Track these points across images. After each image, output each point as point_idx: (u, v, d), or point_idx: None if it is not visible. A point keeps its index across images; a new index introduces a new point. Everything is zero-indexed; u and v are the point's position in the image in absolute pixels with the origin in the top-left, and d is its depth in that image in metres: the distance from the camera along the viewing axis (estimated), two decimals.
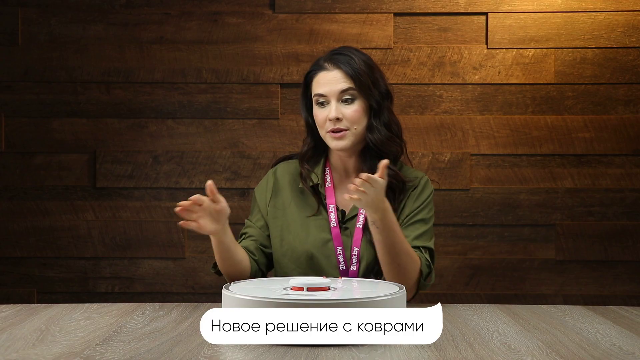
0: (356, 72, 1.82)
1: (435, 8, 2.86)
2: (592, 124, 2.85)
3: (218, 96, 2.88)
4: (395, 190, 1.85)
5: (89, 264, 2.89)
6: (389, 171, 1.84)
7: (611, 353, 1.32)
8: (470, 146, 2.86)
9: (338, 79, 1.82)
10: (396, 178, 1.84)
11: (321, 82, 1.84)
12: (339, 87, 1.82)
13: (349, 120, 1.81)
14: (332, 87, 1.82)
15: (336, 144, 1.83)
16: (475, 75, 2.86)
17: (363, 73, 1.82)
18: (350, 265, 1.84)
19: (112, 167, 2.88)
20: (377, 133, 1.83)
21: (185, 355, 1.27)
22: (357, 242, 1.83)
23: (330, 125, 1.81)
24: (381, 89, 1.86)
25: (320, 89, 1.84)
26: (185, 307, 1.72)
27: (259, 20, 2.87)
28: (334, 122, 1.81)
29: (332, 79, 1.83)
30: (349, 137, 1.82)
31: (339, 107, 1.81)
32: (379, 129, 1.84)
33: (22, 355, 1.27)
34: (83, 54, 2.87)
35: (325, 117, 1.82)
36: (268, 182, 1.96)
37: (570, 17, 2.85)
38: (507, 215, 2.86)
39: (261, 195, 1.96)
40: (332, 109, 1.81)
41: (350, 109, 1.82)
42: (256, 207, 1.96)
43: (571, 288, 2.85)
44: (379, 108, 1.84)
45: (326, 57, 1.87)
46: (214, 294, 2.84)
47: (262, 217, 1.94)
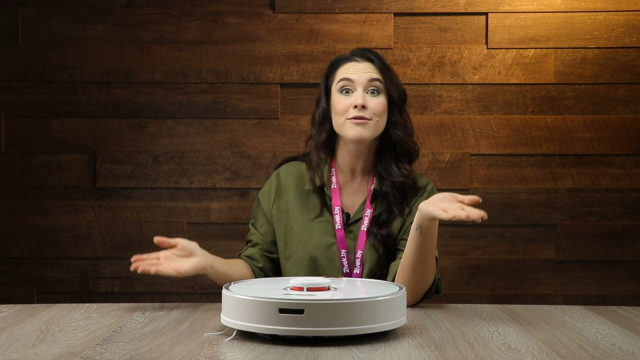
0: (385, 67, 1.85)
1: (435, 8, 2.86)
2: (592, 124, 2.85)
3: (218, 96, 2.88)
4: (406, 192, 1.85)
5: (89, 264, 2.89)
6: (403, 171, 1.84)
7: (611, 353, 1.32)
8: (470, 146, 2.86)
9: (368, 69, 1.84)
10: (410, 178, 1.85)
11: (351, 70, 1.84)
12: (368, 76, 1.83)
13: (372, 111, 1.81)
14: (361, 76, 1.83)
15: (356, 131, 1.80)
16: (475, 75, 2.86)
17: (391, 69, 1.86)
18: (353, 268, 1.83)
19: (112, 167, 2.88)
20: (401, 129, 1.85)
21: (185, 355, 1.27)
22: (361, 245, 1.83)
23: (353, 112, 1.80)
24: (401, 89, 1.88)
25: (349, 75, 1.83)
26: (185, 307, 1.72)
27: (259, 20, 2.87)
28: (359, 110, 1.80)
29: (363, 68, 1.84)
30: (370, 127, 1.81)
31: (365, 96, 1.82)
32: (402, 125, 1.86)
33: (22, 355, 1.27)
34: (83, 54, 2.87)
35: (348, 104, 1.81)
36: (271, 185, 1.94)
37: (570, 17, 2.85)
38: (507, 215, 2.86)
39: (265, 199, 1.94)
40: (359, 96, 1.81)
41: (376, 100, 1.82)
42: (260, 211, 1.94)
43: (571, 288, 2.85)
44: (401, 106, 1.87)
45: (353, 52, 1.89)
46: (214, 294, 2.84)
47: (267, 222, 1.92)
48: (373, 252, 1.81)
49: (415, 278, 1.70)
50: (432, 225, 1.65)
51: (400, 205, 1.84)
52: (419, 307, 1.76)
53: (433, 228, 1.66)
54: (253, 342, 1.36)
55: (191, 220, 2.88)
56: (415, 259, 1.69)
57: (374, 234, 1.82)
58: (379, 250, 1.82)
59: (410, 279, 1.69)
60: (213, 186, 2.88)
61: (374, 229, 1.83)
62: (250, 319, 1.35)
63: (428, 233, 1.66)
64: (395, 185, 1.85)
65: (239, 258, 1.90)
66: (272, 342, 1.36)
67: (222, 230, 2.88)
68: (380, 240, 1.82)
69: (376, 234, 1.82)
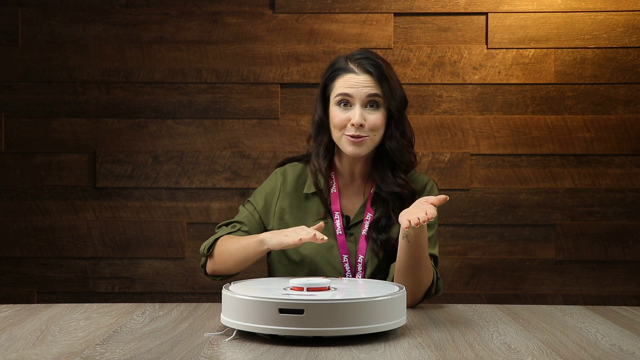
0: (384, 78, 1.80)
1: (435, 8, 2.86)
2: (592, 124, 2.85)
3: (218, 96, 2.88)
4: (404, 200, 1.84)
5: (89, 264, 2.89)
6: (399, 180, 1.83)
7: (611, 353, 1.32)
8: (470, 146, 2.86)
9: (367, 83, 1.79)
10: (406, 188, 1.83)
11: (349, 84, 1.80)
12: (367, 91, 1.79)
13: (370, 127, 1.79)
14: (359, 90, 1.79)
15: (353, 149, 1.79)
16: (475, 75, 2.86)
17: (390, 80, 1.81)
18: (356, 272, 1.82)
19: (112, 167, 2.88)
20: (396, 141, 1.82)
21: (185, 355, 1.27)
22: (362, 249, 1.82)
23: (351, 130, 1.78)
24: (401, 97, 1.84)
25: (347, 90, 1.80)
26: (185, 307, 1.72)
27: (259, 20, 2.87)
28: (356, 129, 1.78)
29: (361, 82, 1.80)
30: (367, 143, 1.80)
31: (363, 112, 1.79)
32: (397, 138, 1.83)
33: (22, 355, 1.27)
34: (83, 54, 2.87)
35: (345, 119, 1.79)
36: (277, 180, 1.92)
37: (570, 17, 2.85)
38: (507, 215, 2.86)
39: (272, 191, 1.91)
40: (357, 113, 1.77)
41: (374, 116, 1.79)
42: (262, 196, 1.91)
43: (571, 288, 2.85)
44: (399, 116, 1.83)
45: (352, 60, 1.83)
46: (214, 294, 2.85)
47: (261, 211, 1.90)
48: (374, 256, 1.81)
49: (411, 283, 1.70)
50: (417, 232, 1.64)
51: (399, 211, 1.84)
52: (419, 307, 1.76)
53: (420, 235, 1.66)
54: (253, 342, 1.36)
55: (191, 220, 2.88)
56: (407, 265, 1.70)
57: (373, 238, 1.82)
58: (379, 255, 1.82)
59: (406, 284, 1.69)
60: (213, 186, 2.88)
61: (372, 234, 1.82)
62: (250, 319, 1.35)
63: (416, 240, 1.66)
64: (394, 193, 1.84)
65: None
66: (272, 342, 1.36)
67: None
68: (380, 245, 1.81)
69: (375, 238, 1.82)
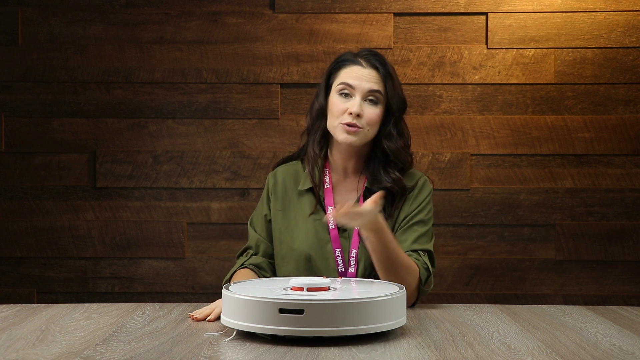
0: (389, 77, 1.84)
1: (435, 8, 2.86)
2: (592, 124, 2.85)
3: (218, 96, 2.88)
4: (395, 196, 1.85)
5: (89, 264, 2.89)
6: (392, 176, 1.84)
7: (611, 353, 1.32)
8: (470, 146, 2.86)
9: (371, 78, 1.83)
10: (398, 184, 1.85)
11: (353, 75, 1.84)
12: (369, 86, 1.82)
13: (366, 121, 1.82)
14: (363, 83, 1.82)
15: (346, 137, 1.82)
16: (475, 75, 2.86)
17: (394, 80, 1.85)
18: (348, 267, 1.84)
19: (112, 167, 2.88)
20: (394, 141, 1.85)
21: (185, 355, 1.27)
22: (355, 244, 1.84)
23: (347, 118, 1.81)
24: (402, 98, 1.88)
25: (350, 80, 1.83)
26: (186, 307, 1.72)
27: (259, 20, 2.87)
28: (353, 117, 1.80)
29: (366, 75, 1.83)
30: (361, 135, 1.82)
31: (362, 105, 1.82)
32: (395, 138, 1.85)
33: (22, 355, 1.27)
34: (83, 54, 2.87)
35: (344, 108, 1.82)
36: (268, 185, 1.97)
37: (570, 17, 2.85)
38: (507, 215, 2.86)
39: (263, 202, 1.96)
40: (356, 103, 1.81)
41: (372, 111, 1.82)
42: (259, 215, 1.95)
43: (571, 288, 2.85)
44: (398, 116, 1.86)
45: (360, 54, 1.87)
46: (214, 294, 2.84)
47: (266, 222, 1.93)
48: (366, 251, 1.82)
49: (394, 282, 1.71)
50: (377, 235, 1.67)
51: (390, 208, 1.85)
52: (419, 307, 1.76)
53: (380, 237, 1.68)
54: (253, 342, 1.36)
55: (191, 220, 2.88)
56: (380, 265, 1.73)
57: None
58: None
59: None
60: (213, 186, 2.88)
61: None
62: (250, 319, 1.35)
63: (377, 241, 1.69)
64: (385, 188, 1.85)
65: (245, 267, 1.88)
66: (272, 342, 1.36)
67: (222, 230, 2.88)
68: None
69: None
